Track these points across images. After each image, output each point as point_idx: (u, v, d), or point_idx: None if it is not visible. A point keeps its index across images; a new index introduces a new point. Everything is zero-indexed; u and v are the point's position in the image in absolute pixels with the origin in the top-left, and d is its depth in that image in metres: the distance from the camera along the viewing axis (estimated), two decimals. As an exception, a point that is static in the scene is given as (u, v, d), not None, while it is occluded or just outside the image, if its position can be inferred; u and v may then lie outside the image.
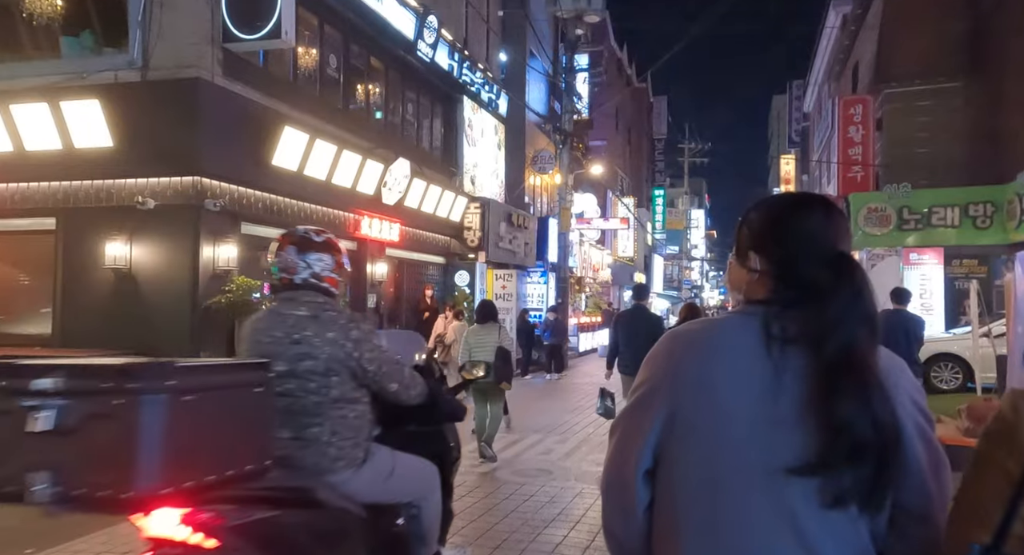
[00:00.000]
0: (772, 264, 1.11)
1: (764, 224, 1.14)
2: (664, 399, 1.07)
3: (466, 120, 14.75)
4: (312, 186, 9.07)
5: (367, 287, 10.98)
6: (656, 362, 1.12)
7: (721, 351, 1.06)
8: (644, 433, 1.08)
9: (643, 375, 1.13)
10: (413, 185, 11.58)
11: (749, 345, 1.04)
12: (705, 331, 1.12)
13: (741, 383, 1.03)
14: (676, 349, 1.11)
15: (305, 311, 2.19)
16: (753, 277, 1.13)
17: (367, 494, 2.15)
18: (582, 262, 22.92)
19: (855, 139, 15.52)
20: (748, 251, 1.14)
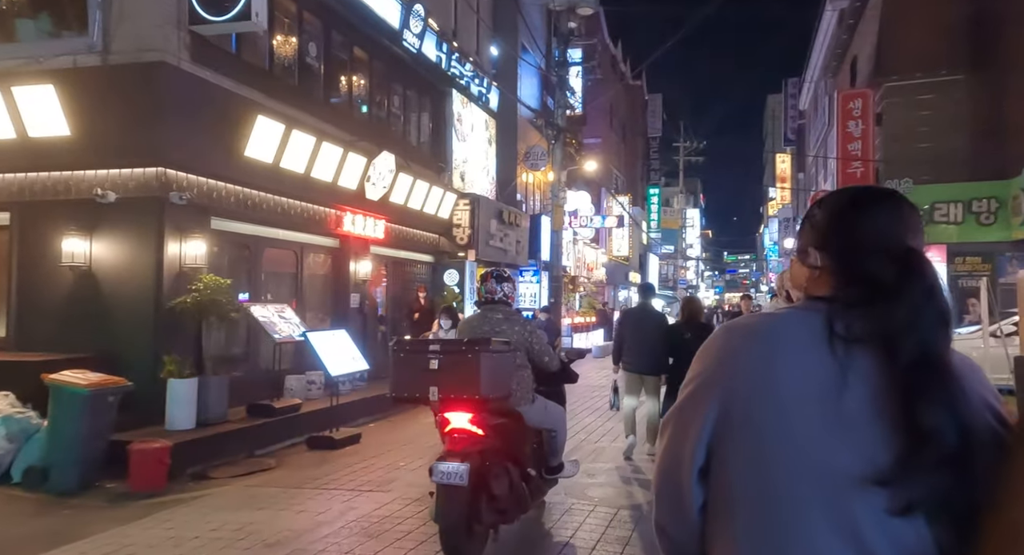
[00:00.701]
0: (834, 260, 1.08)
1: (826, 219, 1.11)
2: (718, 393, 1.03)
3: (455, 114, 14.30)
4: (289, 180, 8.60)
5: (350, 286, 10.52)
6: (710, 355, 1.08)
7: (781, 346, 1.02)
8: (698, 429, 1.04)
9: (696, 369, 1.09)
10: (399, 180, 11.13)
11: (811, 341, 1.00)
12: (764, 324, 1.07)
13: (802, 380, 0.98)
14: (732, 342, 1.07)
15: (501, 315, 4.28)
16: (814, 274, 1.11)
17: (534, 420, 4.25)
18: (576, 261, 22.49)
19: (854, 134, 15.14)
20: (809, 247, 1.12)
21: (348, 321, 10.43)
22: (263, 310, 7.66)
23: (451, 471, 3.57)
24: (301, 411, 7.83)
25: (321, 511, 4.98)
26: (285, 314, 7.98)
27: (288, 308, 8.20)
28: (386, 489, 5.61)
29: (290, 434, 7.48)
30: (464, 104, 14.80)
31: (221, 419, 6.91)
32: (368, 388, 9.92)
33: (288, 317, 7.99)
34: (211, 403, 6.80)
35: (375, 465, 6.51)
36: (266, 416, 7.33)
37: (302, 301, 9.67)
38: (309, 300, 10.01)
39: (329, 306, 10.46)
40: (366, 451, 7.13)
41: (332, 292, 10.50)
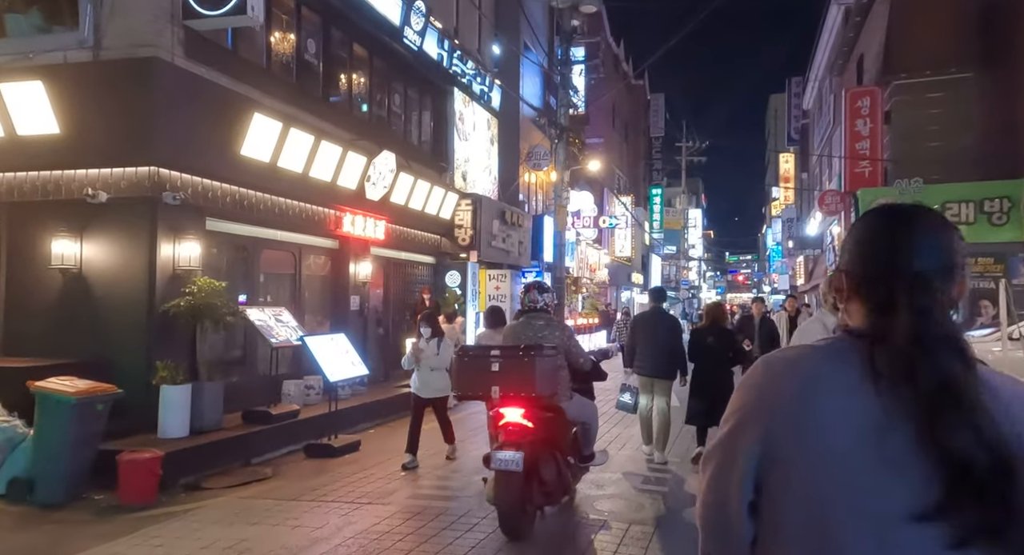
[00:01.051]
0: (851, 285, 1.07)
1: (846, 240, 1.10)
2: (760, 432, 1.02)
3: (457, 113, 14.08)
4: (287, 179, 8.38)
5: (349, 288, 10.29)
6: (750, 391, 1.06)
7: (821, 383, 1.00)
8: (742, 465, 1.03)
9: (736, 403, 1.08)
10: (399, 180, 10.90)
11: (851, 379, 0.98)
12: (802, 360, 1.04)
13: (846, 421, 0.96)
14: (771, 377, 1.05)
15: (543, 322, 4.95)
16: (843, 296, 1.09)
17: (572, 414, 4.78)
18: (579, 262, 22.26)
19: (862, 133, 14.90)
20: (837, 270, 1.11)
21: (348, 324, 10.21)
22: (260, 313, 7.44)
23: (508, 459, 4.24)
24: (299, 417, 7.61)
25: (318, 526, 4.75)
26: (282, 317, 7.76)
27: (285, 311, 7.98)
28: (386, 501, 5.38)
29: (288, 441, 7.26)
30: (466, 103, 14.57)
31: (216, 427, 6.69)
32: (368, 393, 9.70)
33: (285, 321, 7.76)
34: (205, 410, 6.58)
35: (374, 475, 6.28)
36: (263, 423, 7.11)
37: (300, 304, 9.45)
38: (308, 303, 9.79)
39: (328, 309, 10.24)
40: (365, 459, 6.90)
41: (331, 295, 10.28)
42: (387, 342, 11.65)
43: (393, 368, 11.52)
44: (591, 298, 22.57)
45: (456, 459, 6.89)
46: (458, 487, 5.83)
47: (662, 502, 5.41)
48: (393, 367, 11.53)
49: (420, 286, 11.96)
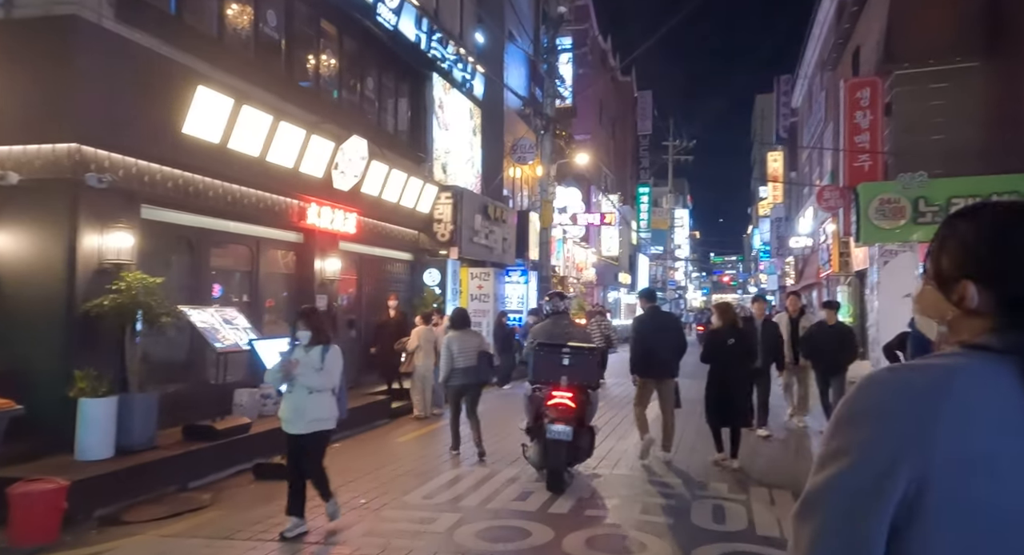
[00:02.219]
0: (1004, 297, 0.88)
1: (993, 242, 0.90)
2: (905, 468, 0.82)
3: (436, 100, 13.20)
4: (241, 164, 7.47)
5: (315, 286, 9.38)
6: (874, 417, 0.85)
7: (973, 407, 0.82)
8: (879, 513, 0.82)
9: (854, 434, 0.85)
10: (372, 168, 10.01)
11: (1005, 402, 0.82)
12: (943, 380, 0.85)
13: (1008, 453, 0.81)
14: (909, 402, 0.84)
15: (566, 322, 6.53)
16: (965, 312, 0.91)
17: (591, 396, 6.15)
18: (565, 261, 21.46)
19: (862, 125, 14.24)
20: (959, 277, 0.91)
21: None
22: (203, 314, 6.52)
23: (561, 431, 5.57)
24: (250, 432, 6.70)
25: (249, 575, 3.87)
26: (232, 319, 6.85)
27: (236, 312, 7.06)
28: (340, 541, 4.52)
29: (235, 460, 6.35)
30: (446, 90, 13.71)
31: (147, 445, 5.77)
32: (335, 401, 8.79)
33: (236, 322, 6.86)
34: (135, 426, 5.67)
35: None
36: (206, 439, 6.20)
37: (258, 303, 8.53)
38: (265, 301, 8.87)
39: (291, 309, 9.31)
40: (323, 482, 6.01)
41: (295, 293, 9.36)
42: (358, 345, 10.75)
43: (366, 374, 10.64)
44: (578, 298, 21.77)
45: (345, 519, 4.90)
46: (425, 519, 4.97)
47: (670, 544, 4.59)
48: (367, 373, 10.65)
49: (390, 292, 10.97)
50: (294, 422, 4.71)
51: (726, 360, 6.40)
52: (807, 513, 0.87)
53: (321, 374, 4.64)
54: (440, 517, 4.93)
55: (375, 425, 8.90)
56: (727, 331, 6.49)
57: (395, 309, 10.15)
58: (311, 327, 4.76)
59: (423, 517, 4.94)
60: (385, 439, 8.09)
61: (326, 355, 4.69)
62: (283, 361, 4.63)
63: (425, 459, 6.95)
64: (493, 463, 6.76)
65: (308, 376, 4.62)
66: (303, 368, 4.61)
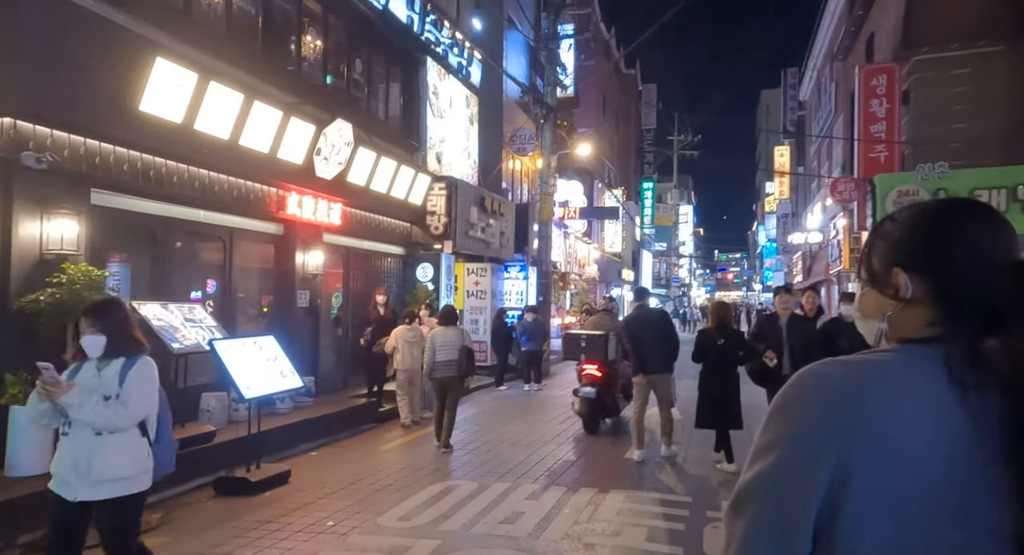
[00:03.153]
0: (935, 284, 0.91)
1: (918, 233, 0.94)
2: (830, 459, 0.84)
3: (430, 86, 12.54)
4: (210, 147, 6.83)
5: (297, 282, 8.75)
6: (806, 412, 0.87)
7: (901, 400, 0.85)
8: (806, 502, 0.84)
9: (785, 428, 0.88)
10: (358, 156, 9.37)
11: (932, 395, 0.85)
12: (872, 374, 0.87)
13: (932, 440, 0.83)
14: (837, 396, 0.87)
15: (609, 317, 9.23)
16: (899, 305, 0.94)
17: (620, 372, 8.38)
18: (567, 256, 20.80)
19: (878, 114, 13.53)
20: (891, 270, 0.94)
21: (294, 323, 8.68)
22: (160, 311, 5.89)
23: (588, 391, 7.83)
24: (214, 441, 6.08)
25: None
26: (195, 316, 6.22)
27: (200, 308, 6.43)
28: (294, 573, 3.89)
29: (194, 473, 5.73)
30: (441, 76, 13.04)
31: (92, 458, 5.14)
32: (316, 405, 8.19)
33: (199, 319, 6.23)
34: (77, 437, 5.03)
35: (296, 524, 4.78)
36: (162, 450, 5.56)
37: (231, 299, 7.90)
38: (241, 298, 8.24)
39: (270, 306, 8.69)
40: (291, 498, 5.39)
41: (273, 289, 8.74)
42: (346, 344, 10.13)
43: (354, 375, 10.02)
44: (580, 295, 21.12)
45: None
46: (397, 548, 4.33)
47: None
48: (354, 374, 10.03)
49: (378, 287, 10.31)
50: (71, 482, 2.90)
51: (715, 360, 6.36)
52: (738, 509, 0.88)
53: (114, 406, 2.89)
54: (415, 546, 4.29)
55: (359, 431, 8.28)
56: (715, 331, 6.45)
57: (384, 306, 9.48)
58: (105, 329, 3.00)
59: (395, 546, 4.31)
60: (367, 447, 7.47)
61: (128, 373, 2.98)
62: (41, 383, 2.84)
63: (407, 471, 6.33)
64: (482, 476, 6.13)
65: (87, 408, 2.84)
66: (80, 395, 2.84)
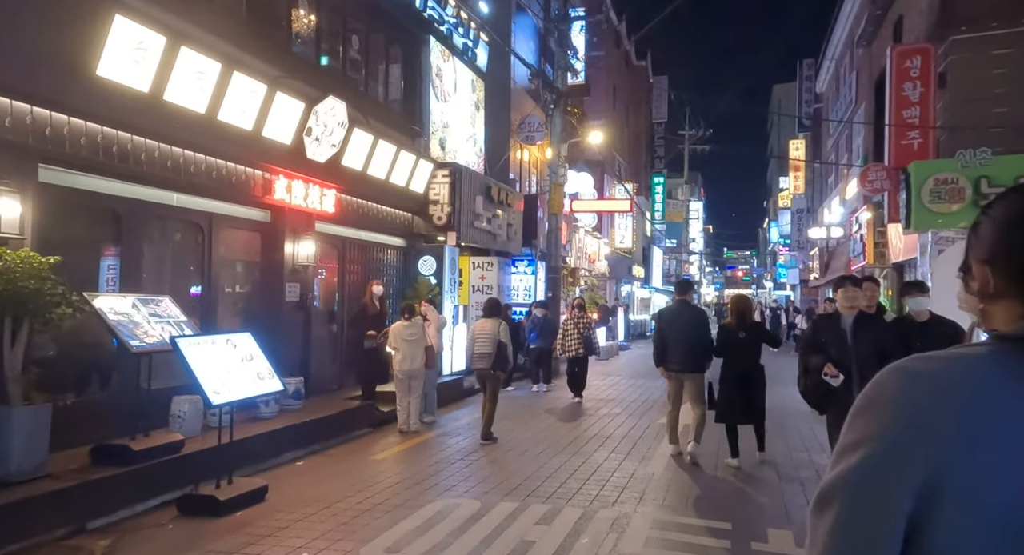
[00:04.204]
0: (1017, 275, 0.84)
1: (995, 219, 0.87)
2: (922, 462, 0.78)
3: (434, 68, 11.79)
4: (183, 122, 6.11)
5: (285, 273, 8.03)
6: (889, 411, 0.81)
7: (997, 403, 0.78)
8: (894, 508, 0.78)
9: (869, 428, 0.82)
10: (353, 138, 8.63)
11: None
12: (964, 373, 0.81)
13: (1020, 448, 0.76)
14: (926, 396, 0.80)
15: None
16: (982, 298, 0.87)
17: None
18: (577, 251, 20.03)
19: (911, 98, 12.68)
20: (974, 263, 0.89)
21: (282, 319, 7.97)
22: (119, 304, 5.17)
23: None
24: (183, 452, 5.37)
25: None
26: (160, 310, 5.50)
27: (169, 301, 5.71)
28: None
29: (160, 489, 5.02)
30: (445, 57, 12.29)
31: (33, 473, 4.45)
32: (305, 408, 7.47)
33: (166, 314, 5.51)
34: (13, 449, 4.35)
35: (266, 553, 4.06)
36: (119, 464, 4.87)
37: (211, 292, 7.19)
38: (223, 291, 7.53)
39: (255, 300, 7.99)
40: (264, 521, 4.67)
41: (259, 281, 8.03)
42: (341, 341, 9.41)
43: (350, 375, 9.30)
44: (590, 291, 20.34)
45: None
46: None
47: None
48: (349, 374, 9.32)
49: (373, 279, 9.54)
50: None
51: (737, 355, 6.25)
52: (822, 507, 0.83)
53: None
54: None
55: (352, 436, 7.56)
56: (736, 326, 6.33)
57: (378, 299, 8.73)
58: None
59: None
60: (359, 455, 6.75)
61: None
62: None
63: (402, 486, 5.60)
64: (485, 493, 5.39)
65: None
66: None
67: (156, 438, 5.31)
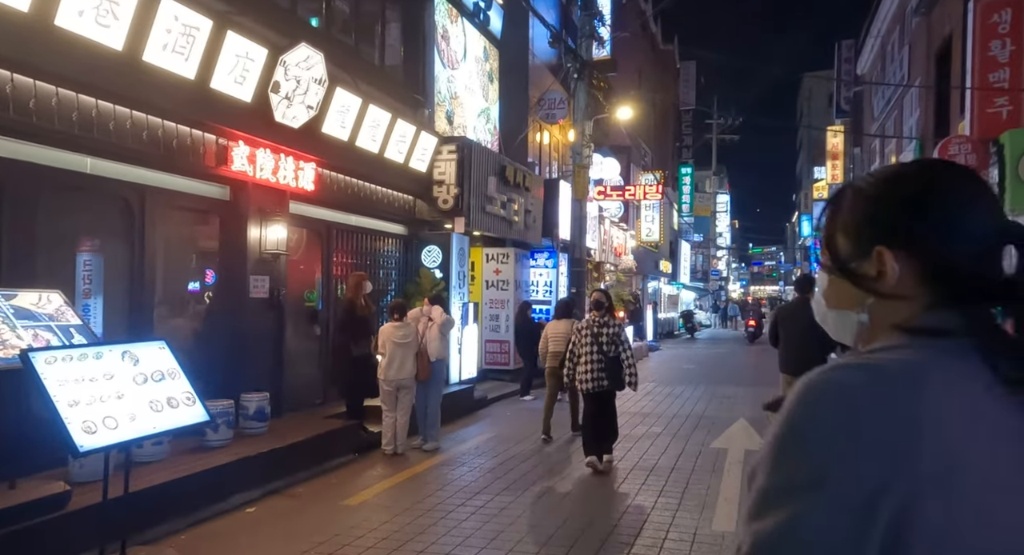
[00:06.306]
0: (928, 262, 0.73)
1: (904, 202, 0.75)
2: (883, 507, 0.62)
3: (439, 28, 10.22)
4: (91, 60, 4.60)
5: (249, 264, 6.51)
6: (836, 442, 0.65)
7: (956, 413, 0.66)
8: None
9: (803, 467, 0.65)
10: (337, 99, 7.09)
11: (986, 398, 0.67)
12: (913, 383, 0.67)
13: (993, 463, 0.65)
14: (877, 415, 0.65)
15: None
16: (885, 286, 0.75)
17: None
18: (602, 243, 18.34)
19: (999, 59, 10.81)
20: (870, 251, 0.75)
21: (245, 319, 6.45)
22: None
23: None
24: (71, 507, 3.85)
25: None
26: (43, 308, 3.99)
27: (58, 297, 4.19)
28: None
29: (21, 566, 3.50)
30: (453, 18, 10.71)
31: None
32: (269, 433, 5.94)
33: (47, 314, 3.99)
34: None
35: None
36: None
37: (143, 286, 5.68)
38: (161, 285, 6.01)
39: (208, 296, 6.48)
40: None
41: (216, 272, 6.51)
42: (325, 346, 7.88)
43: (334, 385, 7.78)
44: (617, 287, 18.63)
45: None
46: None
47: None
48: (334, 384, 7.79)
49: (359, 271, 7.87)
50: None
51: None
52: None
53: None
54: None
55: (328, 467, 6.02)
56: None
57: (364, 296, 7.11)
58: None
59: None
60: (331, 498, 5.18)
61: None
62: None
63: (378, 552, 4.02)
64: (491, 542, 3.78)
65: None
66: None
67: (27, 490, 3.79)
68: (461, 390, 9.05)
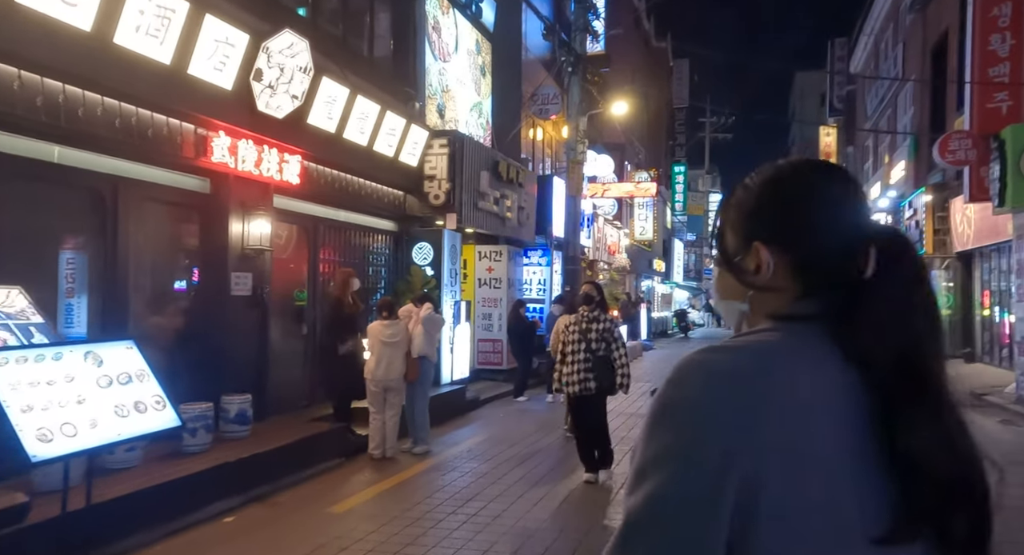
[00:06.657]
0: (799, 255, 0.78)
1: (776, 200, 0.80)
2: (732, 475, 0.66)
3: (429, 18, 9.95)
4: (55, 40, 4.32)
5: (230, 261, 6.22)
6: (690, 415, 0.70)
7: (802, 390, 0.70)
8: (713, 535, 0.66)
9: (670, 437, 0.70)
10: (323, 89, 6.81)
11: (829, 380, 0.72)
12: (763, 363, 0.72)
13: (839, 439, 0.70)
14: (727, 391, 0.70)
15: None
16: (761, 279, 0.79)
17: None
18: (595, 241, 18.12)
19: (999, 53, 10.65)
20: (749, 245, 0.80)
21: (226, 318, 6.17)
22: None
23: None
24: (31, 520, 3.57)
25: None
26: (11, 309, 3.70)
27: (18, 294, 3.90)
28: None
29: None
30: (445, 10, 10.45)
31: None
32: (252, 437, 5.67)
33: (6, 312, 3.70)
34: None
35: None
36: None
37: (117, 283, 5.39)
38: (137, 282, 5.71)
39: (187, 294, 6.19)
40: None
41: (194, 269, 6.23)
42: (312, 346, 7.61)
43: (321, 386, 7.50)
44: (610, 286, 18.42)
45: None
46: None
47: None
48: (321, 385, 7.51)
49: (347, 267, 7.61)
50: None
51: None
52: (630, 546, 0.68)
53: None
54: None
55: (313, 472, 5.75)
56: None
57: (352, 294, 6.83)
58: None
59: None
60: (314, 506, 4.92)
61: None
62: None
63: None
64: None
65: None
66: None
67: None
68: (453, 391, 8.80)
